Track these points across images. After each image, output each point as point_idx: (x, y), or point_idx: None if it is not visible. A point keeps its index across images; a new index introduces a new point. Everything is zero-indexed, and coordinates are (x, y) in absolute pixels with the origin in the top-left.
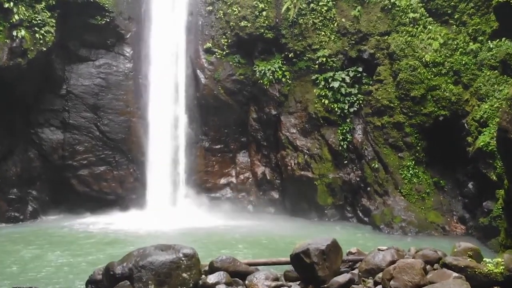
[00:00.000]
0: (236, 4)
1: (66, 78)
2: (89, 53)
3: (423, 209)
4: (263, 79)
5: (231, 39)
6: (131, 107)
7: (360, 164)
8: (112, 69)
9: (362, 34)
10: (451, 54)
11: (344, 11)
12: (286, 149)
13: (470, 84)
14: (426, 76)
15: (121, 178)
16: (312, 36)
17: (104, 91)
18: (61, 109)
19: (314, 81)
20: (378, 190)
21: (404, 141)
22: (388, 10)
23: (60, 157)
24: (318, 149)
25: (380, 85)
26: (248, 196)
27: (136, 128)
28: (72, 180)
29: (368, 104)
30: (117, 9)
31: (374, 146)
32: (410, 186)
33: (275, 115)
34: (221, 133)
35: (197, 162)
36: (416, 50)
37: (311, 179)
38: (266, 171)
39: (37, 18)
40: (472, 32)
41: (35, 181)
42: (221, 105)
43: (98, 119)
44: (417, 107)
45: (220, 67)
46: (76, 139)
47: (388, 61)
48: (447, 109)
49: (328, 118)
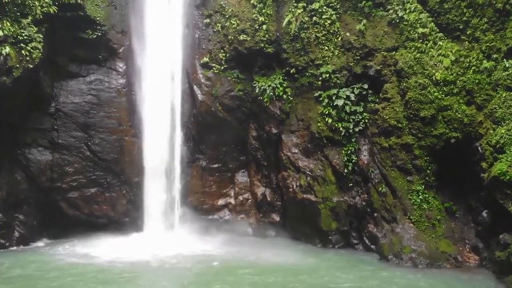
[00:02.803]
0: (235, 17)
1: (55, 95)
2: (79, 68)
3: (434, 237)
4: (263, 95)
5: (230, 54)
6: (124, 125)
7: (366, 188)
8: (104, 85)
9: (368, 49)
10: (463, 72)
11: (348, 25)
12: (287, 169)
13: (484, 105)
14: (437, 95)
15: (113, 200)
16: (314, 51)
17: (95, 109)
18: (49, 128)
19: (317, 98)
20: (385, 216)
21: (413, 164)
22: (395, 24)
23: (49, 179)
24: (322, 170)
25: (387, 103)
26: (248, 218)
27: (129, 147)
28: (61, 203)
29: (374, 124)
30: (109, 22)
31: (381, 169)
32: (419, 212)
33: (275, 133)
34: (219, 151)
35: (193, 183)
36: (426, 67)
37: (314, 203)
38: (267, 192)
39: (23, 33)
40: (485, 49)
41: (22, 205)
42: (219, 122)
43: (89, 138)
44: (427, 128)
45: (218, 82)
46: (66, 159)
47: (395, 78)
48: (459, 131)
49: (332, 138)
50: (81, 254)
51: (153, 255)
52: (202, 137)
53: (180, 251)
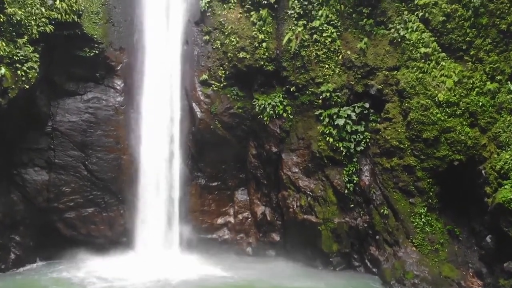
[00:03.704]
0: (234, 34)
1: (51, 114)
2: (76, 87)
3: (437, 262)
4: (263, 114)
5: (229, 71)
6: (122, 143)
7: (368, 209)
8: (102, 103)
9: (369, 68)
10: (466, 93)
11: (349, 43)
12: (287, 189)
13: (487, 128)
14: (439, 116)
15: (110, 220)
16: (315, 69)
17: (92, 127)
18: (46, 148)
19: (318, 117)
20: (388, 239)
21: (416, 186)
22: (397, 43)
23: (45, 199)
24: (322, 190)
25: (389, 123)
26: (247, 237)
27: (127, 166)
28: (58, 224)
29: (376, 144)
30: (107, 40)
31: (383, 190)
32: (422, 235)
33: (275, 152)
34: (218, 169)
35: (192, 201)
36: (428, 88)
37: (315, 224)
38: (267, 211)
39: (19, 53)
40: (489, 70)
41: (18, 226)
42: (218, 140)
43: (86, 158)
44: (430, 150)
45: (217, 100)
46: (62, 179)
47: (397, 98)
48: (462, 154)
49: (333, 157)
50: (78, 278)
51: (152, 279)
52: (201, 155)
53: (180, 275)
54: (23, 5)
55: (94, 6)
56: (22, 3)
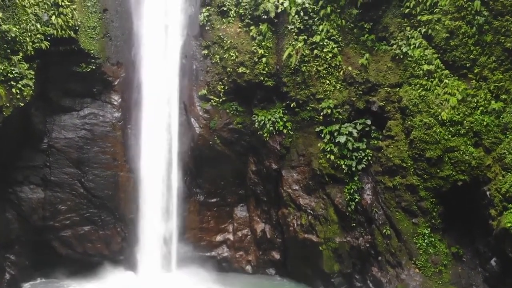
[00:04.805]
0: (234, 48)
1: (47, 131)
2: (73, 102)
3: (441, 284)
4: (262, 130)
5: (228, 86)
6: (119, 160)
7: (370, 228)
8: (99, 119)
9: (371, 84)
10: (470, 112)
11: (350, 58)
12: (288, 207)
13: (492, 148)
14: (443, 135)
15: (107, 238)
16: (316, 84)
17: (89, 144)
18: (41, 165)
19: (318, 134)
20: (390, 260)
21: (419, 206)
22: (399, 60)
23: (41, 218)
24: (323, 209)
25: (391, 141)
26: (247, 255)
27: (124, 183)
28: (54, 242)
29: (377, 161)
30: (104, 55)
31: (386, 210)
32: (425, 257)
33: (276, 169)
34: (217, 185)
35: (191, 218)
36: (431, 105)
37: (316, 244)
38: (266, 228)
39: (14, 71)
40: (494, 89)
41: (13, 245)
42: (217, 155)
43: (83, 175)
44: (433, 169)
45: (216, 115)
46: (58, 197)
47: (399, 115)
48: (466, 174)
49: (334, 175)
50: None
51: None
52: (200, 170)
53: None
54: (18, 21)
55: (91, 20)
56: (17, 19)
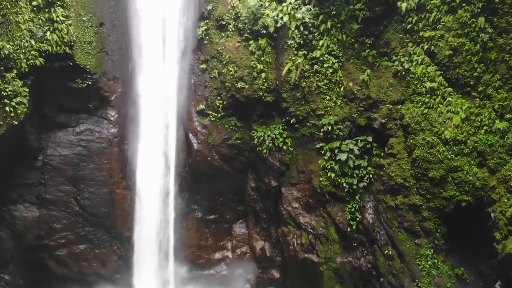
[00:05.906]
0: (232, 63)
1: (42, 148)
2: (68, 118)
3: None
4: (261, 146)
5: (227, 101)
6: (116, 177)
7: (371, 249)
8: (95, 135)
9: (372, 100)
10: (474, 131)
11: (351, 74)
12: (287, 225)
13: (497, 169)
14: (446, 155)
15: (103, 257)
16: (316, 100)
17: (85, 161)
18: (36, 183)
19: (319, 150)
20: (392, 282)
21: (422, 226)
22: (401, 76)
23: (36, 237)
24: (324, 228)
25: (393, 159)
26: (246, 274)
27: (120, 200)
28: (49, 261)
29: (379, 180)
30: (100, 70)
31: (388, 230)
32: (428, 279)
33: (275, 186)
34: (216, 201)
35: (188, 235)
36: (434, 124)
37: (316, 264)
38: (266, 246)
39: (7, 89)
40: (498, 108)
41: (7, 264)
42: (215, 171)
43: (78, 193)
44: (436, 189)
45: (215, 130)
46: (53, 215)
47: (401, 133)
48: (470, 195)
49: (335, 193)
50: None
51: None
52: (198, 187)
53: None
54: (11, 38)
55: (86, 35)
56: (10, 36)
